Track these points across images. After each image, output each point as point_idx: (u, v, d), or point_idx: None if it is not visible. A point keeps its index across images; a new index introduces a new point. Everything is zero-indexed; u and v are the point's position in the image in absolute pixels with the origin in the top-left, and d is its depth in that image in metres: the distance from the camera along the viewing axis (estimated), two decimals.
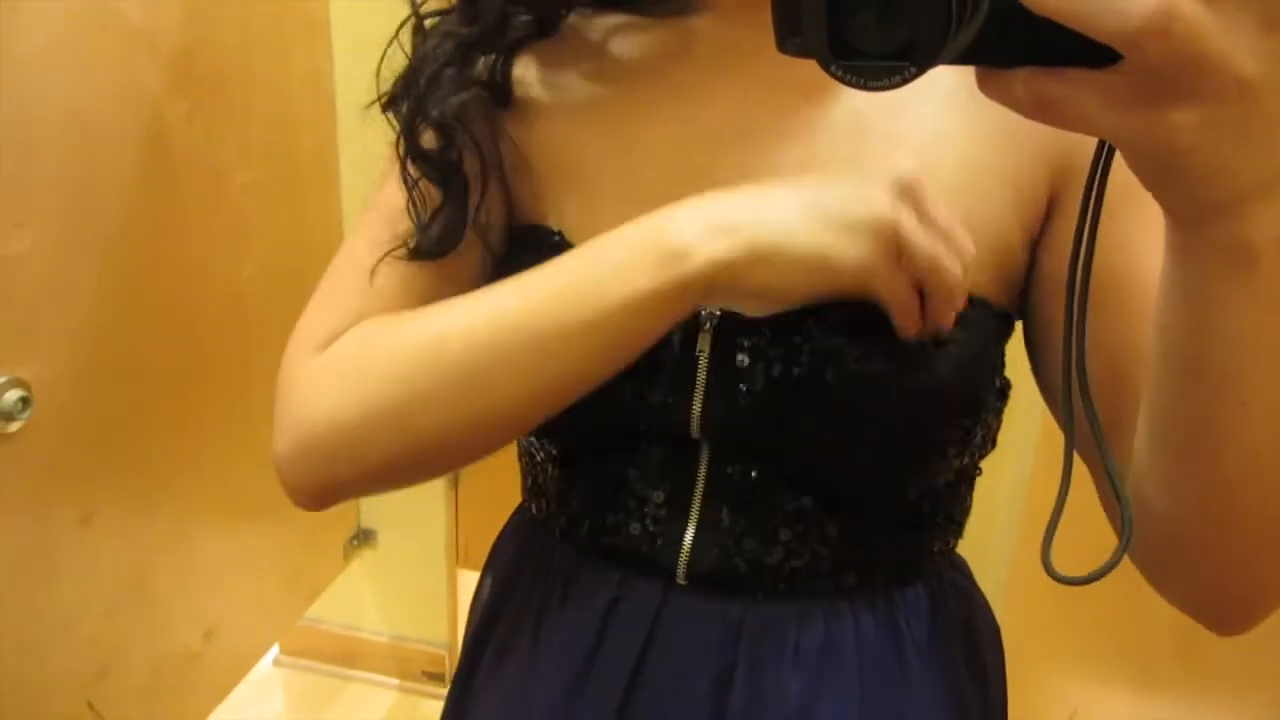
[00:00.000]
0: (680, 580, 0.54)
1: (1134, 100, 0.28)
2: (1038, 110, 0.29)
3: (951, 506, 0.57)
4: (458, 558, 1.74)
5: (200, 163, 1.10)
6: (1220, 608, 0.46)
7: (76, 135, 0.91)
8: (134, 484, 1.08)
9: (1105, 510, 0.49)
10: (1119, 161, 0.32)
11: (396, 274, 0.55)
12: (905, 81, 0.29)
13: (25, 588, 0.94)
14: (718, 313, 0.50)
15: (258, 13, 1.19)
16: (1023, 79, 0.28)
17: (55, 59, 0.88)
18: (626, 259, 0.45)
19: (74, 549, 0.99)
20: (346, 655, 1.86)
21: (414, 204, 0.55)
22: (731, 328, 0.50)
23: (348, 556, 1.68)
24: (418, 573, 1.75)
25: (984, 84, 0.29)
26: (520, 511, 0.66)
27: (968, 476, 0.58)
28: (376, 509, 1.72)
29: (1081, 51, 0.27)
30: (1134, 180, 0.32)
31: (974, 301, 0.50)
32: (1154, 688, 0.84)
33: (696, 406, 0.51)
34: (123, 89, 0.97)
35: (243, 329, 1.24)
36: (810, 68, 0.30)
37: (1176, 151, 0.29)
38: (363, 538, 1.72)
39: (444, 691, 0.87)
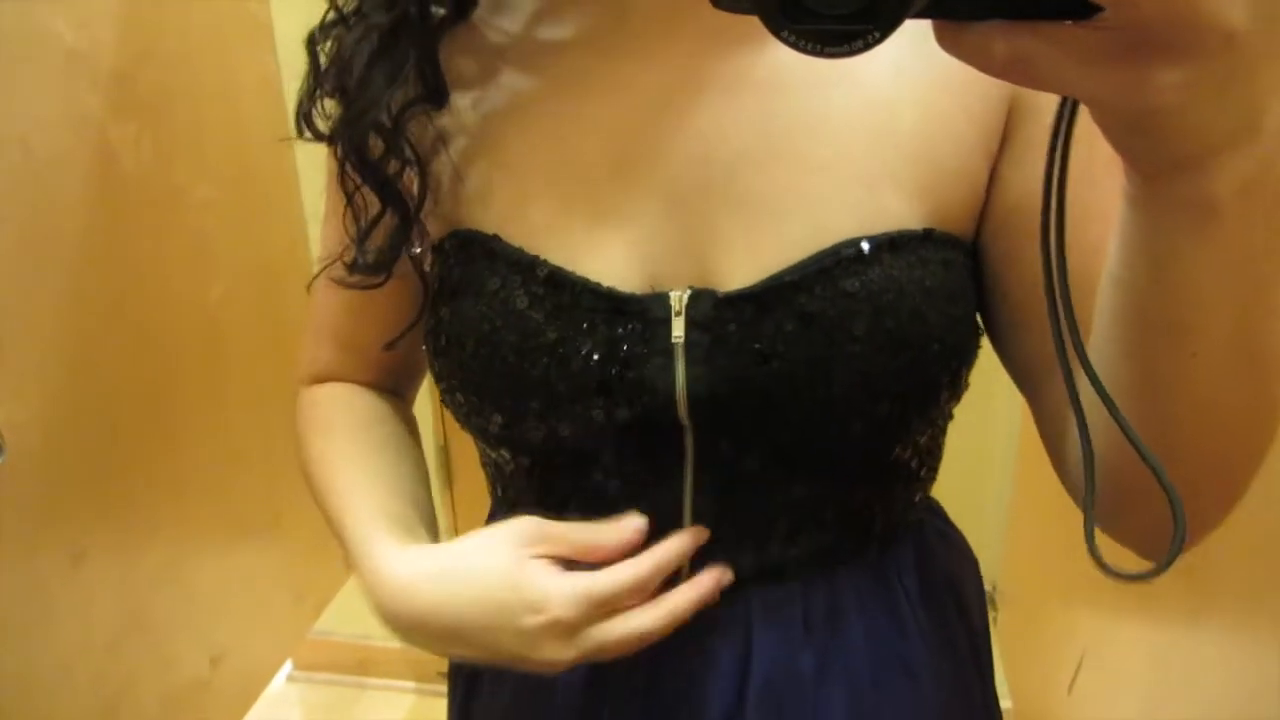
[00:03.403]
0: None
1: (1115, 57, 0.26)
2: (1009, 68, 0.26)
3: (934, 457, 0.59)
4: None
5: (154, 184, 1.08)
6: (1160, 543, 0.45)
7: (22, 166, 0.89)
8: (122, 516, 1.06)
9: (1046, 446, 0.51)
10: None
11: (335, 296, 0.61)
12: (868, 47, 0.25)
13: (20, 633, 0.92)
14: (687, 294, 0.49)
15: (198, 21, 1.16)
16: (998, 34, 0.26)
17: None
18: (365, 585, 0.53)
19: (67, 589, 0.98)
20: (360, 664, 1.85)
21: (352, 212, 0.55)
22: (705, 307, 0.49)
23: (350, 566, 1.67)
24: None
25: (943, 39, 0.27)
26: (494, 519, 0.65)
27: (946, 424, 0.58)
28: None
29: (1057, 4, 0.24)
30: (1084, 115, 0.30)
31: (950, 241, 0.50)
32: (1159, 618, 0.85)
33: (679, 385, 0.49)
34: (66, 115, 0.94)
35: (215, 349, 1.23)
36: (754, 34, 0.27)
37: (1154, 111, 0.27)
38: None
39: None
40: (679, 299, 0.49)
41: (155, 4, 1.06)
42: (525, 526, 0.51)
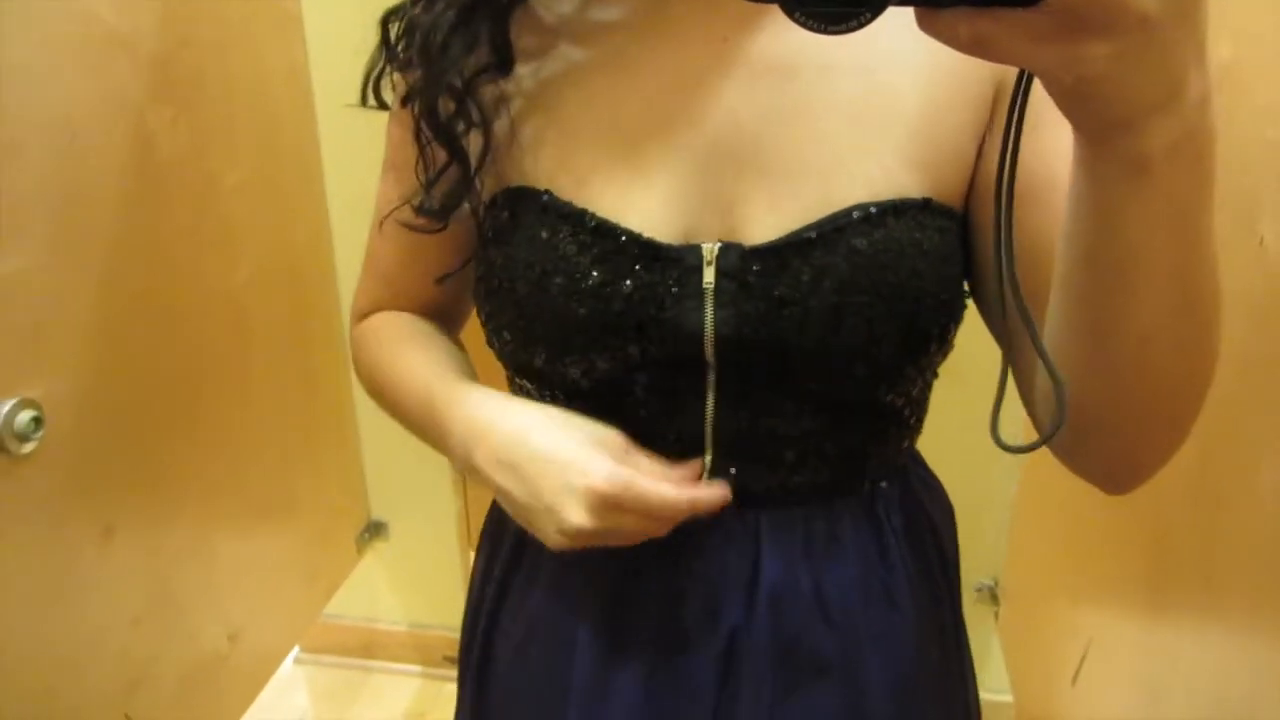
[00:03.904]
0: None
1: (1055, 36, 0.31)
2: (972, 46, 0.32)
3: (921, 409, 0.67)
4: (470, 541, 1.76)
5: (189, 168, 1.10)
6: (1115, 473, 0.53)
7: (65, 147, 0.91)
8: (150, 493, 1.08)
9: (1022, 398, 0.57)
10: (1038, 85, 0.36)
11: (402, 238, 0.67)
12: (861, 25, 0.32)
13: (55, 604, 0.94)
14: (717, 246, 0.56)
15: (232, 10, 1.17)
16: (962, 19, 0.31)
17: (37, 70, 0.87)
18: (452, 446, 0.61)
19: (98, 563, 0.99)
20: (366, 647, 1.87)
21: (423, 162, 0.62)
22: (732, 258, 0.56)
23: (361, 549, 1.69)
24: (431, 559, 1.76)
25: (923, 22, 0.33)
26: None
27: (932, 379, 0.66)
28: (386, 500, 1.73)
29: None
30: (1050, 100, 0.36)
31: (946, 211, 0.57)
32: (1165, 612, 0.86)
33: (708, 325, 0.56)
34: (106, 97, 0.96)
35: (242, 331, 1.24)
36: (777, 19, 0.35)
37: (1088, 79, 0.33)
38: (374, 530, 1.72)
39: None
40: (710, 250, 0.56)
41: None
42: (617, 438, 0.58)
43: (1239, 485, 0.70)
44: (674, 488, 0.56)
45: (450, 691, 0.80)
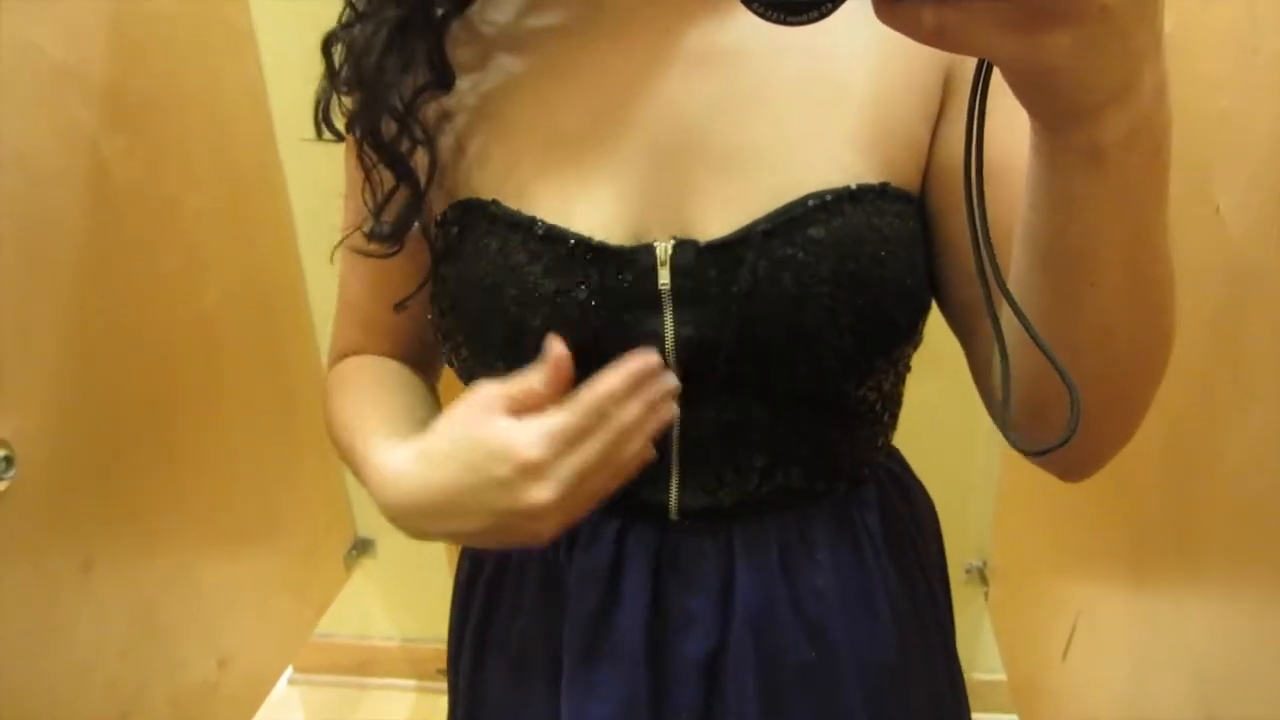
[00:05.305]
0: (674, 518, 0.61)
1: (1017, 26, 0.32)
2: (934, 36, 0.32)
3: (894, 404, 0.65)
4: (458, 552, 1.75)
5: (148, 195, 1.09)
6: (1074, 461, 0.54)
7: (21, 183, 0.90)
8: (129, 523, 1.07)
9: (978, 385, 0.57)
10: (996, 77, 0.37)
11: (363, 267, 0.65)
12: (822, 16, 0.32)
13: (40, 640, 0.93)
14: (671, 244, 0.55)
15: (183, 32, 1.16)
16: (926, 9, 0.31)
17: None
18: (372, 492, 0.58)
19: (80, 597, 0.98)
20: (360, 665, 1.87)
21: (370, 187, 0.61)
22: (687, 256, 0.54)
23: (349, 567, 1.68)
24: (421, 573, 1.76)
25: (881, 13, 0.32)
26: None
27: (905, 373, 0.65)
28: (372, 517, 1.72)
29: None
30: (1007, 91, 0.36)
31: (903, 196, 0.57)
32: (1149, 584, 0.87)
33: (668, 328, 0.55)
34: (58, 130, 0.95)
35: (213, 354, 1.23)
36: (720, 8, 0.37)
37: (1048, 69, 0.33)
38: (362, 547, 1.72)
39: None
40: (664, 249, 0.55)
41: (141, 17, 1.07)
42: (478, 393, 0.54)
43: (1208, 455, 0.71)
44: (584, 393, 0.51)
45: (446, 704, 0.80)
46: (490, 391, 0.53)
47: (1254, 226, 0.62)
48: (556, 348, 0.53)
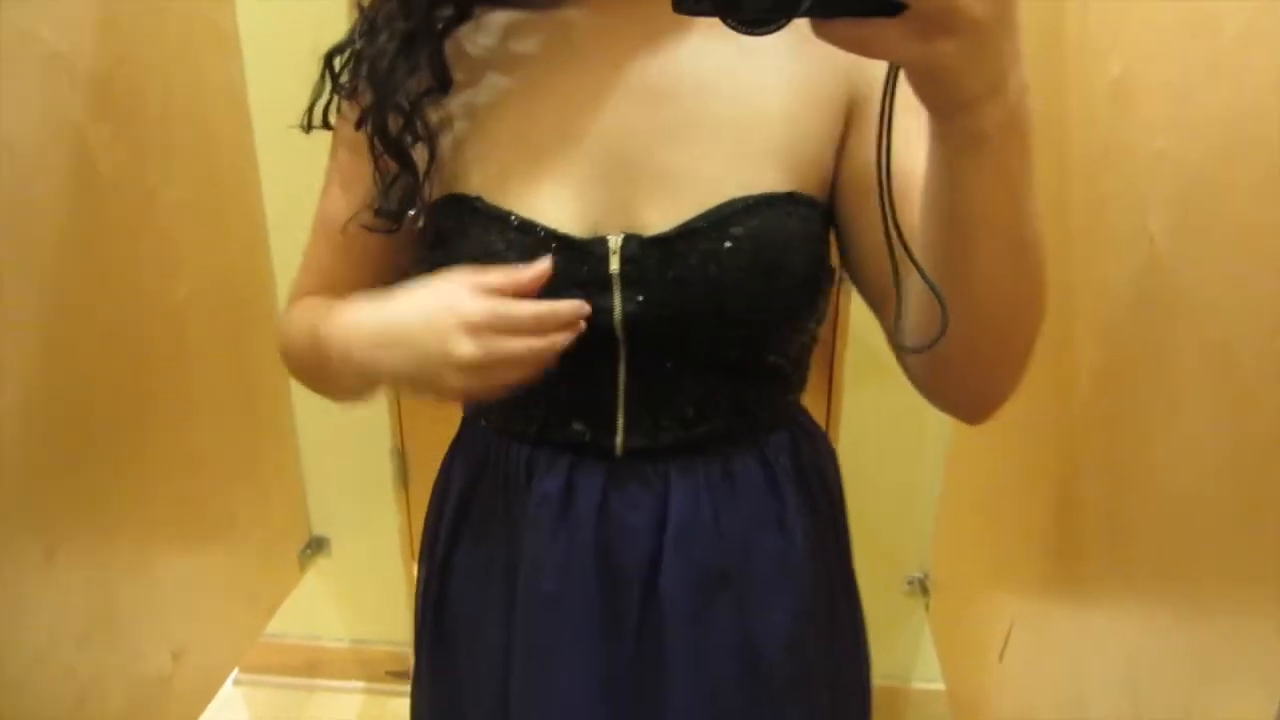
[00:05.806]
0: (619, 455, 0.74)
1: (914, 36, 0.41)
2: (856, 46, 0.42)
3: (802, 366, 0.80)
4: (413, 553, 1.76)
5: (128, 185, 1.10)
6: (972, 405, 0.66)
7: (7, 167, 0.91)
8: (93, 513, 1.07)
9: (891, 345, 0.66)
10: (902, 86, 0.46)
11: (330, 247, 0.78)
12: (779, 28, 0.41)
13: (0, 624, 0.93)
14: (620, 238, 0.68)
15: (170, 28, 1.18)
16: (849, 26, 0.41)
17: None
18: (335, 362, 0.70)
19: (42, 583, 0.99)
20: (308, 665, 1.86)
21: (378, 172, 0.73)
22: (633, 247, 0.67)
23: (303, 566, 1.68)
24: (374, 574, 1.76)
25: (818, 30, 0.42)
26: (466, 427, 0.86)
27: (811, 343, 0.78)
28: (328, 516, 1.73)
29: (882, 6, 0.41)
30: (911, 99, 0.46)
31: (808, 201, 0.70)
32: (1081, 584, 0.90)
33: (617, 306, 0.68)
34: (45, 115, 0.96)
35: (182, 347, 1.24)
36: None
37: (938, 69, 0.43)
38: (316, 546, 1.72)
39: (410, 688, 0.94)
40: (615, 241, 0.68)
41: (131, 10, 1.08)
42: (458, 273, 0.65)
43: (1137, 464, 0.76)
44: (535, 305, 0.63)
45: (394, 707, 0.85)
46: (464, 271, 0.65)
47: (1183, 252, 0.68)
48: (544, 263, 0.64)
